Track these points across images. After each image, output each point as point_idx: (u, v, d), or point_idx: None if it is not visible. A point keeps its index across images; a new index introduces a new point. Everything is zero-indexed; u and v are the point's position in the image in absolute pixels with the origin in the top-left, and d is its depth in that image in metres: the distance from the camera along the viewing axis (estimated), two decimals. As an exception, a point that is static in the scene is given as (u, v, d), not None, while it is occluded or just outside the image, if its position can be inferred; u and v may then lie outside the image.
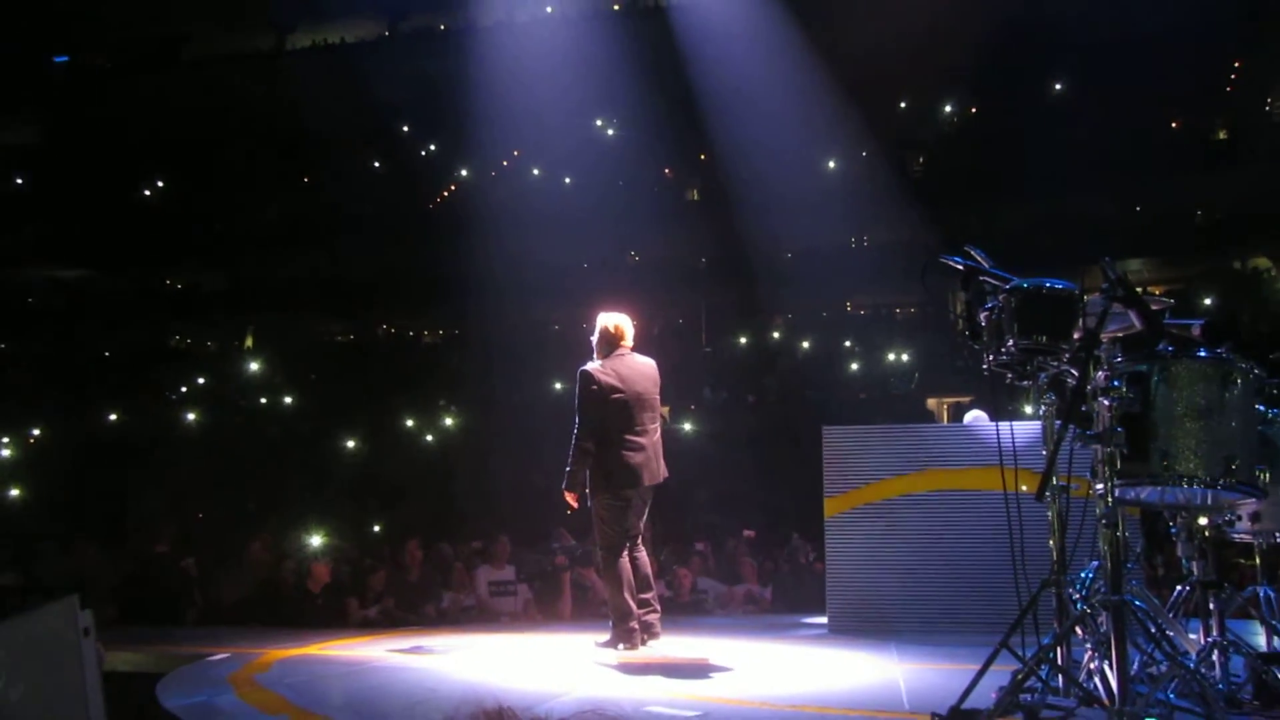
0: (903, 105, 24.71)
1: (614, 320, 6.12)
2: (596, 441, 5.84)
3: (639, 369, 6.01)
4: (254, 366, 20.11)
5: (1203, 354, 3.93)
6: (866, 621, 6.67)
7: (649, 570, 6.06)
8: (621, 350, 6.05)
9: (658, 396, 6.07)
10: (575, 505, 5.93)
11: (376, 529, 12.85)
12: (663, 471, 5.97)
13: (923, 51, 20.08)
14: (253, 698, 4.88)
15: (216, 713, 4.62)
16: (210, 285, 27.59)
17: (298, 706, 4.69)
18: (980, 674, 3.93)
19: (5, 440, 16.34)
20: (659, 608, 6.01)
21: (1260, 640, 4.56)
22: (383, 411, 17.78)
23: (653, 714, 4.35)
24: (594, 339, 6.14)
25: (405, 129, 26.46)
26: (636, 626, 5.81)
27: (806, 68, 19.44)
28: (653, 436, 5.95)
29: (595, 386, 5.87)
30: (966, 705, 3.83)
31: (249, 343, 23.62)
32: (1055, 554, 4.27)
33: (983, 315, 4.37)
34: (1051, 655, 3.93)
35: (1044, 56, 22.09)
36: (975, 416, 7.99)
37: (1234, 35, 20.68)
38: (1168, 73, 19.43)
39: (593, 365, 5.97)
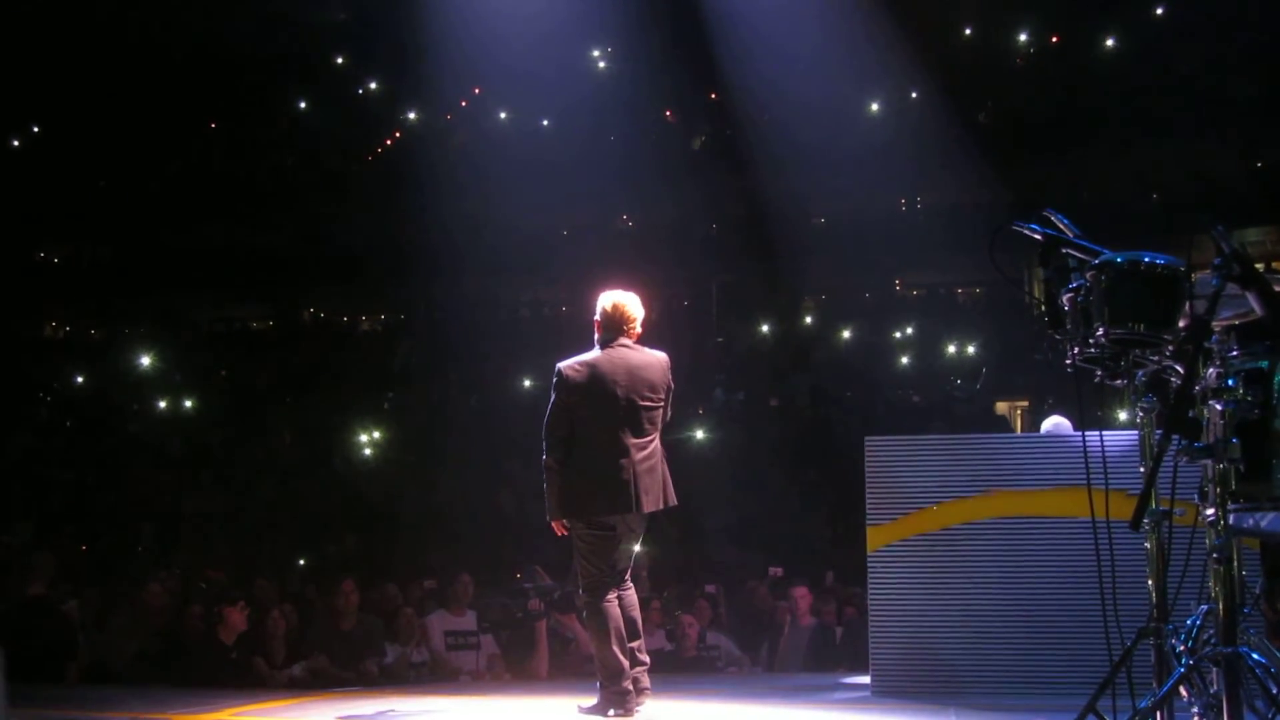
0: (966, 32, 24.72)
1: (613, 300, 6.12)
2: (561, 458, 5.91)
3: (630, 365, 6.00)
4: (147, 361, 20.12)
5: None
6: (919, 682, 6.71)
7: (637, 613, 6.12)
8: (621, 340, 6.06)
9: (657, 402, 6.05)
10: (564, 533, 6.02)
11: (301, 563, 12.90)
12: (654, 498, 5.96)
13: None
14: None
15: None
16: (93, 258, 27.54)
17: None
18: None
19: None
20: (648, 660, 6.06)
21: None
22: (310, 417, 17.79)
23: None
24: (595, 320, 6.17)
25: (338, 61, 26.43)
26: (631, 687, 5.85)
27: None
28: (638, 454, 5.92)
29: (560, 388, 5.95)
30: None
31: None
32: (1155, 596, 4.32)
33: (1065, 297, 4.40)
34: (1150, 721, 3.98)
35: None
36: (1056, 424, 8.05)
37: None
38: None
39: (567, 361, 6.01)
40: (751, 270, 23.46)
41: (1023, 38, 25.01)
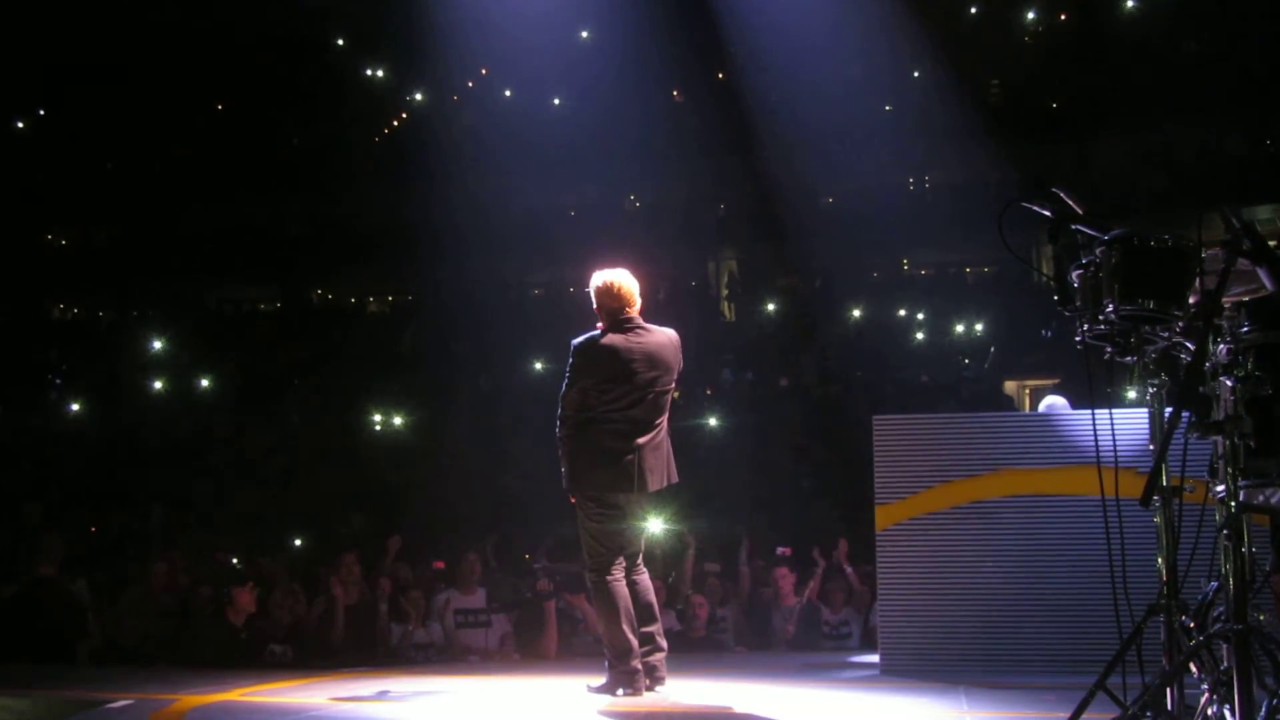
0: (973, 11, 24.64)
1: (610, 278, 6.09)
2: (572, 434, 5.93)
3: (648, 349, 5.98)
4: (157, 344, 20.16)
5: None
6: (928, 660, 6.71)
7: (652, 598, 6.09)
8: (626, 317, 6.03)
9: (670, 382, 6.05)
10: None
11: (310, 544, 12.92)
12: (659, 476, 5.95)
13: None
14: (162, 755, 4.93)
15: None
16: (102, 241, 27.58)
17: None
18: (1071, 724, 3.97)
19: None
20: (665, 645, 6.04)
21: None
22: (318, 399, 17.81)
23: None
24: (594, 306, 6.13)
25: (343, 41, 26.39)
26: (639, 666, 5.84)
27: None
28: (647, 435, 5.90)
29: (576, 367, 5.95)
30: (1053, 762, 3.88)
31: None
32: (1165, 573, 4.30)
33: (1075, 274, 4.38)
34: (1160, 699, 3.97)
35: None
36: (1050, 404, 8.03)
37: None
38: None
39: (585, 339, 5.99)
40: (760, 250, 23.45)
41: (1031, 15, 24.94)
